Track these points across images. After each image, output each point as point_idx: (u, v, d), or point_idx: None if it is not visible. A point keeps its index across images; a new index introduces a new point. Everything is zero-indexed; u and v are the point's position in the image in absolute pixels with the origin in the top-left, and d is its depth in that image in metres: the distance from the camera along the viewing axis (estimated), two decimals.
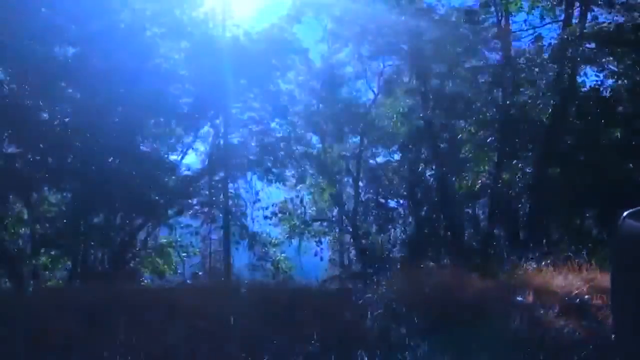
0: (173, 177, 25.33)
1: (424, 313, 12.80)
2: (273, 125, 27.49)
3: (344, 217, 32.91)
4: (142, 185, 22.35)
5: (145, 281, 24.81)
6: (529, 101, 25.44)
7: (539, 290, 14.54)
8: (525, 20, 27.14)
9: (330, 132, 30.77)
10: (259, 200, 29.03)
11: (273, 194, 31.94)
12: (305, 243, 33.91)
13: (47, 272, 23.37)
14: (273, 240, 32.20)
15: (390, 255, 30.09)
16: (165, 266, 29.47)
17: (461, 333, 12.16)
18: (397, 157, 32.77)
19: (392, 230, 31.73)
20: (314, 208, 34.58)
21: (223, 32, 25.97)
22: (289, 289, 15.90)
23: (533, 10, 26.43)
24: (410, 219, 31.55)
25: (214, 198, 28.07)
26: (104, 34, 21.32)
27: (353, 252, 32.94)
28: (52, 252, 23.24)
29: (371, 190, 32.60)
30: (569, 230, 27.69)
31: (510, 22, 27.38)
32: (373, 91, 32.12)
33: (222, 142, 26.64)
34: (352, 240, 31.96)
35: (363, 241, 30.96)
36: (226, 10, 25.58)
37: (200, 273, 28.81)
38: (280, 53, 27.29)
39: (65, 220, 23.45)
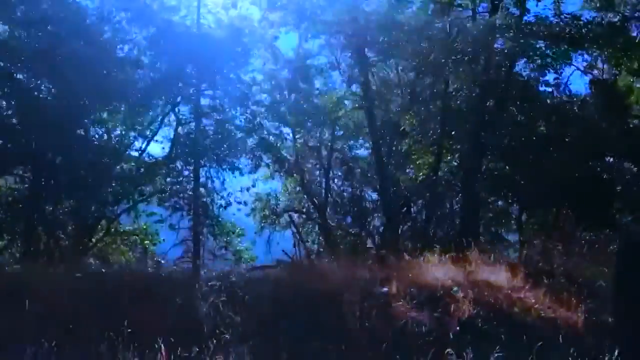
0: (132, 165, 25.06)
1: (268, 303, 12.72)
2: (233, 114, 26.92)
3: (312, 209, 32.42)
4: (86, 171, 22.08)
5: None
6: (460, 93, 24.93)
7: (410, 281, 14.33)
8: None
9: (298, 122, 30.23)
10: (225, 189, 28.69)
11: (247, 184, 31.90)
12: (280, 234, 33.36)
13: None
14: (238, 230, 32.00)
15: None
16: (130, 253, 29.40)
17: (297, 323, 12.06)
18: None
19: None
20: (289, 199, 34.13)
21: (197, 19, 25.75)
22: (140, 274, 15.60)
23: None
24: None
25: (177, 186, 27.78)
26: (52, 15, 21.18)
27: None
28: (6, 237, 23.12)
29: (339, 182, 32.18)
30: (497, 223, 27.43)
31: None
32: (346, 82, 31.58)
33: (180, 130, 26.28)
34: (320, 231, 31.59)
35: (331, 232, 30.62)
36: None
37: (162, 261, 28.67)
38: (245, 42, 26.88)
39: (21, 206, 23.35)
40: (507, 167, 25.03)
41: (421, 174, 25.50)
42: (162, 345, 9.10)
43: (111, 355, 9.38)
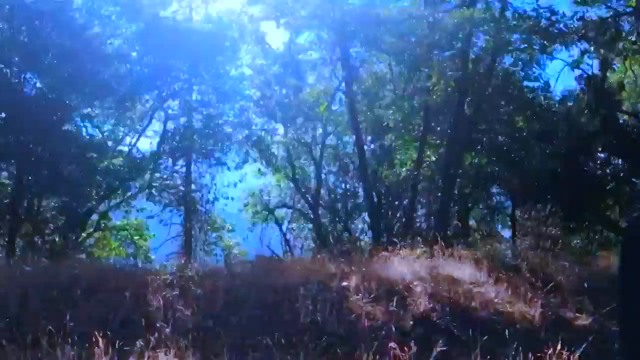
0: (120, 160, 25.09)
1: (221, 297, 12.75)
2: (221, 109, 26.92)
3: (303, 205, 32.42)
4: (69, 166, 22.12)
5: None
6: (436, 87, 24.87)
7: (372, 276, 14.32)
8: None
9: (287, 118, 30.20)
10: (215, 184, 28.79)
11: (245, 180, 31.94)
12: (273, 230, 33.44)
13: None
14: (227, 226, 32.10)
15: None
16: (121, 248, 29.53)
17: (248, 317, 12.11)
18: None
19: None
20: (282, 195, 34.15)
21: (187, 14, 25.79)
22: (93, 267, 15.61)
23: None
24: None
25: (168, 182, 27.84)
26: (36, 10, 21.21)
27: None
28: None
29: (333, 177, 32.16)
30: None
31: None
32: (337, 77, 31.53)
33: (168, 125, 26.32)
34: (312, 227, 31.60)
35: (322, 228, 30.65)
36: None
37: (153, 257, 28.82)
38: (234, 37, 26.85)
39: (6, 200, 23.42)
40: (490, 162, 24.72)
41: (404, 169, 25.28)
42: (100, 339, 8.97)
43: (50, 349, 9.33)
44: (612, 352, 11.97)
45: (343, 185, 32.66)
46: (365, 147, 28.15)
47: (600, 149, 26.42)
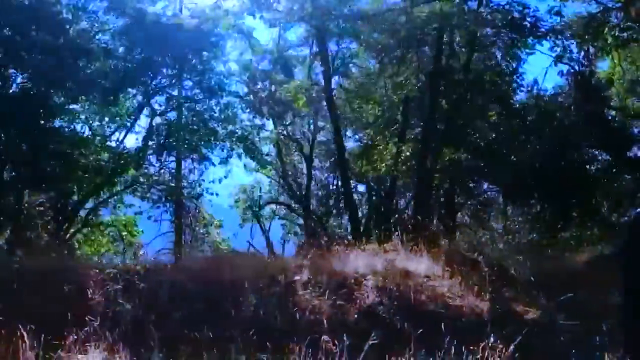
0: (105, 156, 25.11)
1: (165, 291, 12.81)
2: (207, 104, 26.86)
3: (294, 201, 32.45)
4: (49, 162, 22.17)
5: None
6: (408, 82, 24.85)
7: (326, 270, 14.37)
8: None
9: (275, 113, 30.14)
10: (203, 180, 28.79)
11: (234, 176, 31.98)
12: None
13: None
14: (216, 222, 32.13)
15: None
16: (110, 245, 29.58)
17: (192, 311, 12.17)
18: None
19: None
20: (272, 191, 34.18)
21: (173, 9, 25.81)
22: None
23: None
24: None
25: (155, 178, 27.86)
26: (16, 4, 21.25)
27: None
28: None
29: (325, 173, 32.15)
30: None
31: None
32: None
33: (155, 121, 26.31)
34: (303, 223, 31.59)
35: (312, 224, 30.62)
36: None
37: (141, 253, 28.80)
38: (220, 32, 26.79)
39: None
40: (471, 157, 24.70)
41: (384, 164, 25.24)
42: (25, 333, 9.00)
43: None
44: (556, 345, 11.97)
45: (335, 182, 32.43)
46: (349, 142, 27.99)
47: (587, 145, 26.07)
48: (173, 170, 27.32)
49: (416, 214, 22.67)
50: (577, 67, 27.28)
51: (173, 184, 27.01)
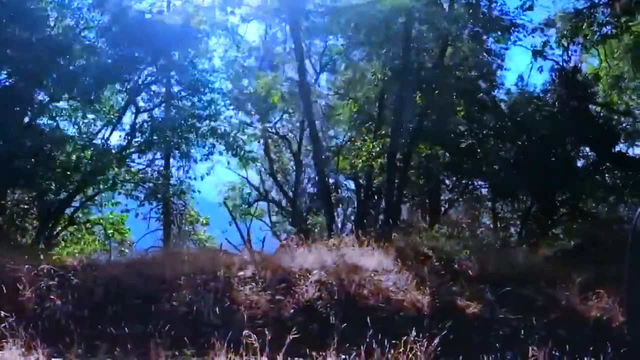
0: (88, 153, 25.10)
1: (102, 288, 12.84)
2: (191, 101, 26.81)
3: (282, 198, 32.46)
4: (25, 159, 22.22)
5: None
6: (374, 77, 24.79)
7: (273, 266, 14.41)
8: None
9: (262, 110, 30.11)
10: (190, 177, 28.77)
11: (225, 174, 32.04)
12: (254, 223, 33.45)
13: None
14: (202, 219, 32.16)
15: None
16: (96, 243, 29.62)
17: (126, 307, 12.19)
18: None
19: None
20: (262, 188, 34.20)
21: (156, 5, 25.82)
22: None
23: None
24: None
25: (142, 175, 27.87)
26: None
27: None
28: None
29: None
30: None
31: None
32: (315, 70, 31.45)
33: (139, 118, 26.30)
34: (290, 220, 31.57)
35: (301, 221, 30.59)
36: None
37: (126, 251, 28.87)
38: (205, 29, 26.77)
39: None
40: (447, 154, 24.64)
41: (360, 160, 25.17)
42: None
43: None
44: (490, 338, 11.92)
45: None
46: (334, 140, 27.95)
47: (571, 141, 25.94)
48: (161, 168, 27.10)
49: (386, 210, 22.54)
50: (561, 63, 26.73)
51: (159, 182, 26.78)
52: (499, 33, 23.68)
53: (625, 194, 26.09)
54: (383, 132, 24.39)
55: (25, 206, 24.63)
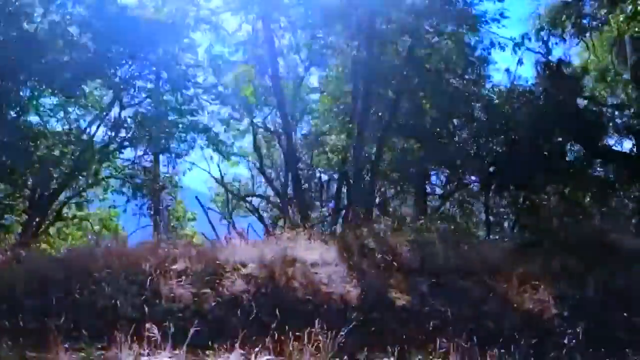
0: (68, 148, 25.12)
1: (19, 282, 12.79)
2: (175, 96, 26.73)
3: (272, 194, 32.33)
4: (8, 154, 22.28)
5: None
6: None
7: (208, 259, 14.35)
8: None
9: (248, 105, 29.99)
10: (178, 173, 28.84)
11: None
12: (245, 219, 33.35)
13: None
14: (189, 215, 32.19)
15: None
16: (85, 239, 29.68)
17: (44, 300, 12.15)
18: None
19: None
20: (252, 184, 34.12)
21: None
22: None
23: None
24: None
25: (128, 170, 27.91)
26: None
27: None
28: None
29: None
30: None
31: None
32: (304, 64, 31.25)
33: (124, 113, 26.26)
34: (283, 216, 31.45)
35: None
36: None
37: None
38: (188, 23, 26.70)
39: None
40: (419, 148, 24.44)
41: (334, 155, 25.02)
42: None
43: None
44: (414, 331, 11.76)
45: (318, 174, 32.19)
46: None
47: (557, 134, 25.66)
48: (150, 164, 27.09)
49: (350, 204, 22.44)
50: (544, 57, 26.47)
51: (144, 178, 26.79)
52: (464, 26, 23.16)
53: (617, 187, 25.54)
54: (350, 126, 23.95)
55: (12, 202, 24.37)
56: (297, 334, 10.05)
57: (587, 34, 26.81)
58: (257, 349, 9.89)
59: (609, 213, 25.57)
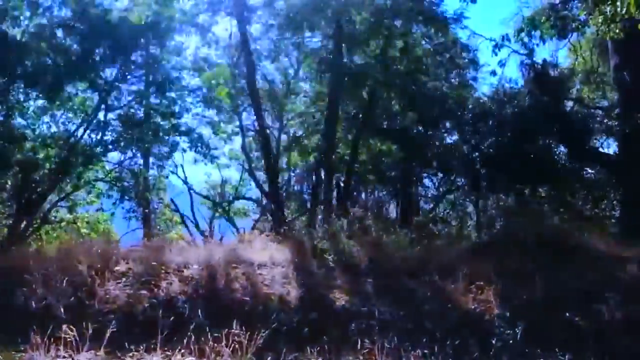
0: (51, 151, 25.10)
1: None
2: (159, 99, 26.65)
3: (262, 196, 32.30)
4: None
5: None
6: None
7: (149, 260, 14.26)
8: None
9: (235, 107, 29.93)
10: (167, 175, 28.84)
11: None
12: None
13: None
14: (175, 218, 32.16)
15: None
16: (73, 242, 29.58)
17: None
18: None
19: None
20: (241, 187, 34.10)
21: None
22: None
23: None
24: None
25: (117, 174, 27.86)
26: None
27: None
28: None
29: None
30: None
31: None
32: (293, 66, 31.20)
33: (106, 115, 26.19)
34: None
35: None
36: None
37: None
38: (174, 25, 26.60)
39: None
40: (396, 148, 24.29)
41: (311, 156, 24.92)
42: None
43: None
44: (350, 332, 11.60)
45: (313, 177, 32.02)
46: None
47: (544, 136, 25.46)
48: (139, 167, 27.06)
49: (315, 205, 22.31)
50: (527, 58, 26.29)
51: (131, 181, 26.75)
52: (429, 26, 23.00)
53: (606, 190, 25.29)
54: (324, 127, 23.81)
55: None
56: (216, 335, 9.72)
57: (570, 36, 26.18)
58: (181, 350, 9.69)
59: (593, 215, 25.07)
